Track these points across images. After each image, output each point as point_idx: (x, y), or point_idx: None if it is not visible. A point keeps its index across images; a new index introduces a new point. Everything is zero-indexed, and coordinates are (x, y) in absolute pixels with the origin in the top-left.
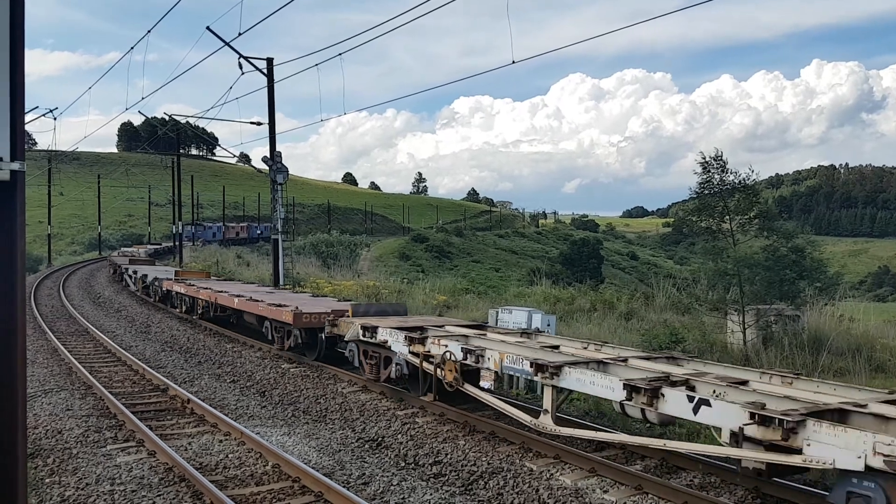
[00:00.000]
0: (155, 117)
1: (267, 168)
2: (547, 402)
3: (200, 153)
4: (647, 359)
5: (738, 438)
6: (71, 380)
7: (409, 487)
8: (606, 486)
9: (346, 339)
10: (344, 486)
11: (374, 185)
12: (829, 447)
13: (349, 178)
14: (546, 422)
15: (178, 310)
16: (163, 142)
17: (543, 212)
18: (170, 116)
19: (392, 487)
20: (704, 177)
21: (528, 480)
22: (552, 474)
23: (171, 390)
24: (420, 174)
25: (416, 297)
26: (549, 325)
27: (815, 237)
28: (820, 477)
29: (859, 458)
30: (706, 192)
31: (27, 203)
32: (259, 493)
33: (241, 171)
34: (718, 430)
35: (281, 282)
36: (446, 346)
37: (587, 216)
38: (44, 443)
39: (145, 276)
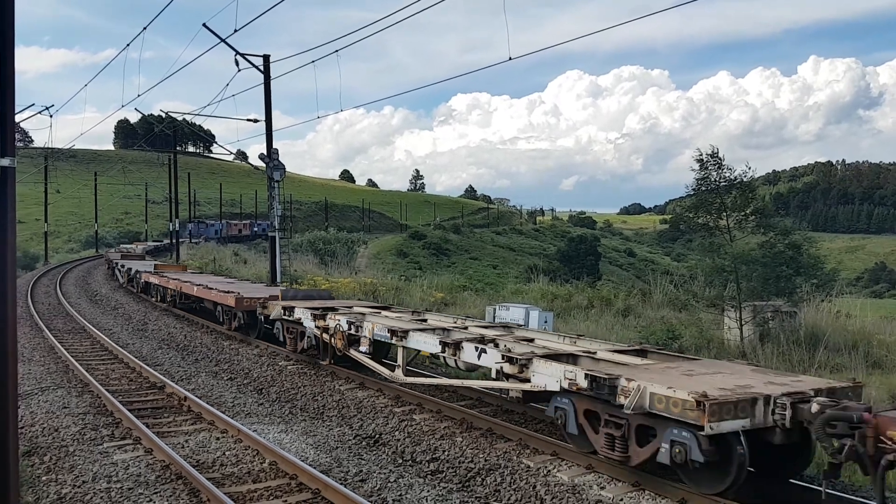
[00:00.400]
0: (151, 114)
1: (264, 165)
2: (399, 359)
3: (197, 150)
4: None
5: (499, 374)
6: (68, 377)
7: (407, 484)
8: (603, 482)
9: (271, 317)
10: (341, 483)
11: (371, 183)
12: (543, 376)
13: (347, 176)
14: (398, 374)
15: (153, 298)
16: (159, 139)
17: (541, 209)
18: (166, 113)
19: (389, 484)
20: (701, 174)
21: (525, 477)
22: (549, 471)
23: (168, 388)
24: (417, 171)
25: (413, 294)
26: (546, 322)
27: (812, 233)
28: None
29: (557, 382)
30: (703, 188)
31: (25, 201)
32: (256, 491)
33: (238, 169)
34: (490, 369)
35: (278, 279)
36: (338, 320)
37: (585, 213)
38: (41, 440)
39: (130, 269)
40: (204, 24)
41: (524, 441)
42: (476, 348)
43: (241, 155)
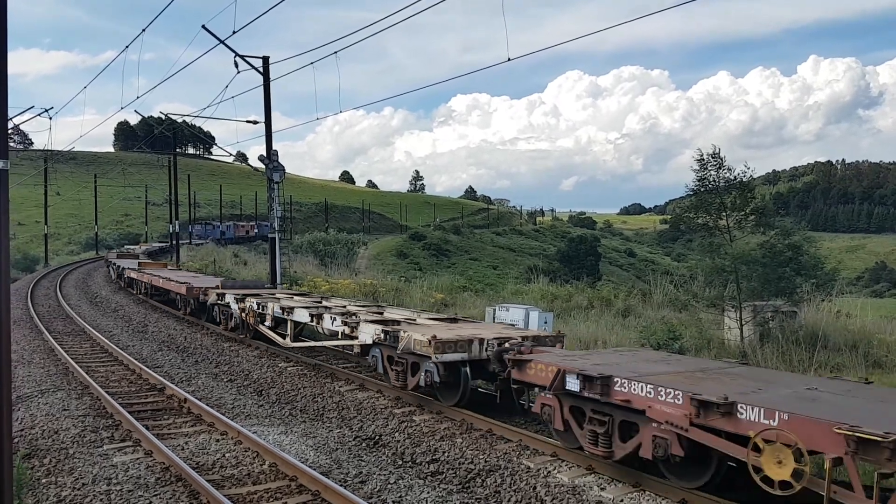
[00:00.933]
0: (151, 116)
1: (263, 167)
2: (288, 329)
3: (197, 152)
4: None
5: (343, 335)
6: (68, 380)
7: (407, 486)
8: (604, 483)
9: (209, 303)
10: (341, 485)
11: (371, 184)
12: (365, 334)
13: (346, 177)
14: (287, 342)
15: (135, 291)
16: (159, 141)
17: (541, 209)
18: (166, 115)
19: (389, 486)
20: (701, 174)
21: (525, 478)
22: (549, 472)
23: (168, 390)
24: (417, 172)
25: (413, 295)
26: (546, 323)
27: (812, 233)
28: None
29: (371, 337)
30: (703, 189)
31: (25, 203)
32: (256, 493)
33: (238, 170)
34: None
35: (278, 281)
36: (252, 302)
37: (585, 213)
38: (40, 443)
39: (119, 266)
40: (203, 26)
41: (524, 442)
42: (332, 318)
43: (241, 156)
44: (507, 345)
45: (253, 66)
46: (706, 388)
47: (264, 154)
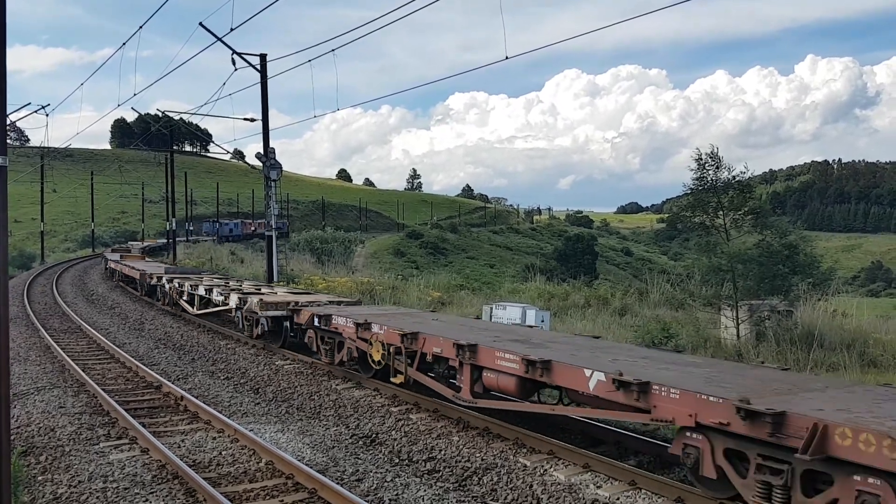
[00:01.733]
0: (148, 114)
1: (260, 164)
2: (196, 302)
3: (194, 150)
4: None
5: (220, 303)
6: (64, 377)
7: (403, 484)
8: (600, 481)
9: (151, 284)
10: (338, 483)
11: (368, 182)
12: (232, 301)
13: (343, 175)
14: (193, 311)
15: (114, 279)
16: (156, 138)
17: (538, 208)
18: (163, 113)
19: (386, 484)
20: (699, 173)
21: (521, 476)
22: (546, 470)
23: (165, 387)
24: (414, 170)
25: (410, 293)
26: (543, 321)
27: (809, 232)
28: None
29: (234, 303)
30: (700, 188)
31: (21, 200)
32: (252, 490)
33: (235, 168)
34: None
35: (275, 278)
36: (177, 282)
37: (582, 212)
38: (36, 440)
39: (107, 259)
40: (200, 24)
41: (521, 440)
42: (217, 293)
43: (238, 154)
44: (300, 304)
45: (250, 64)
46: (399, 323)
47: (261, 152)
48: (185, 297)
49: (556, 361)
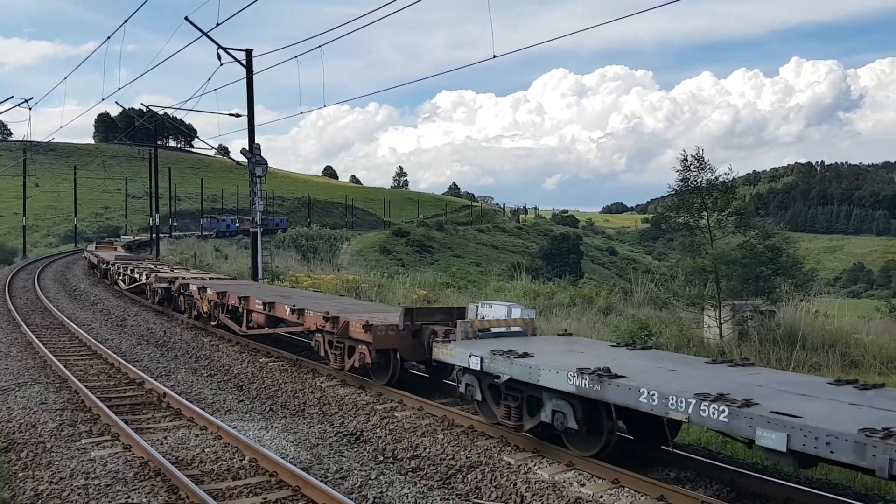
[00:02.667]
0: (132, 108)
1: (246, 160)
2: (127, 280)
3: (179, 145)
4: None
5: (142, 281)
6: (45, 373)
7: (388, 481)
8: (584, 479)
9: (103, 268)
10: (322, 481)
11: (354, 179)
12: (146, 278)
13: (330, 172)
14: (124, 286)
15: (89, 266)
16: (140, 133)
17: (524, 207)
18: (147, 107)
19: (370, 481)
20: (684, 174)
21: (506, 474)
22: (530, 468)
23: (147, 384)
24: (401, 168)
25: (396, 291)
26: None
27: (792, 234)
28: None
29: (145, 279)
30: (685, 189)
31: (3, 194)
32: (236, 488)
33: (220, 164)
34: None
35: (260, 275)
36: (119, 266)
37: (567, 212)
38: (17, 437)
39: (86, 251)
40: (186, 18)
41: (505, 438)
42: (140, 273)
43: (223, 150)
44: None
45: (236, 59)
46: (222, 288)
47: (247, 148)
48: (120, 277)
49: (277, 303)
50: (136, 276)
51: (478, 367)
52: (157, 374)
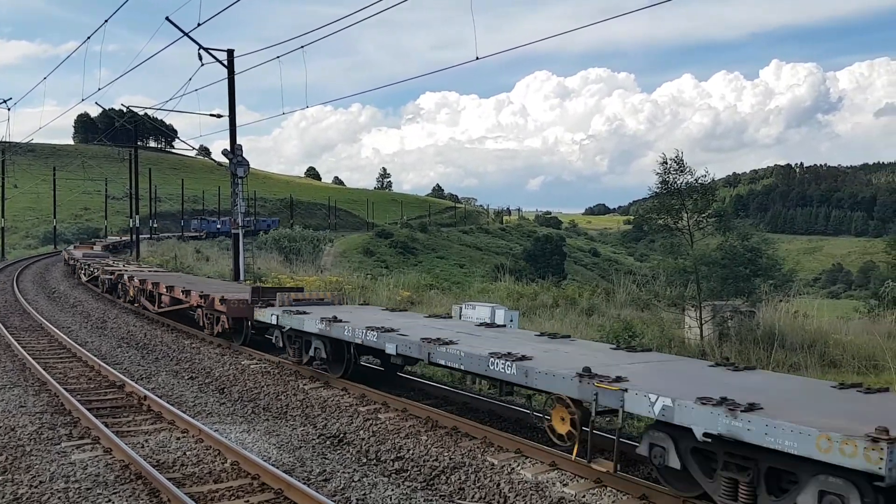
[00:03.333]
0: (112, 108)
1: (227, 161)
2: (87, 274)
3: (159, 146)
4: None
5: (100, 275)
6: (24, 376)
7: (371, 483)
8: (566, 479)
9: (70, 263)
10: (304, 483)
11: (337, 180)
12: (99, 272)
13: (312, 173)
14: (83, 278)
15: (64, 263)
16: (120, 134)
17: (508, 208)
18: (127, 108)
19: (353, 484)
20: (664, 177)
21: (489, 475)
22: (513, 468)
23: (128, 387)
24: (384, 169)
25: (380, 292)
26: (511, 321)
27: (771, 235)
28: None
29: (99, 272)
30: (665, 191)
31: None
32: (217, 491)
33: (201, 164)
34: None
35: (242, 277)
36: (83, 262)
37: (550, 213)
38: None
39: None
40: (167, 18)
41: (489, 439)
42: (97, 268)
43: (204, 150)
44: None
45: (217, 59)
46: (145, 276)
47: (228, 148)
48: (83, 271)
49: (175, 286)
50: (93, 270)
51: (274, 322)
52: (138, 376)
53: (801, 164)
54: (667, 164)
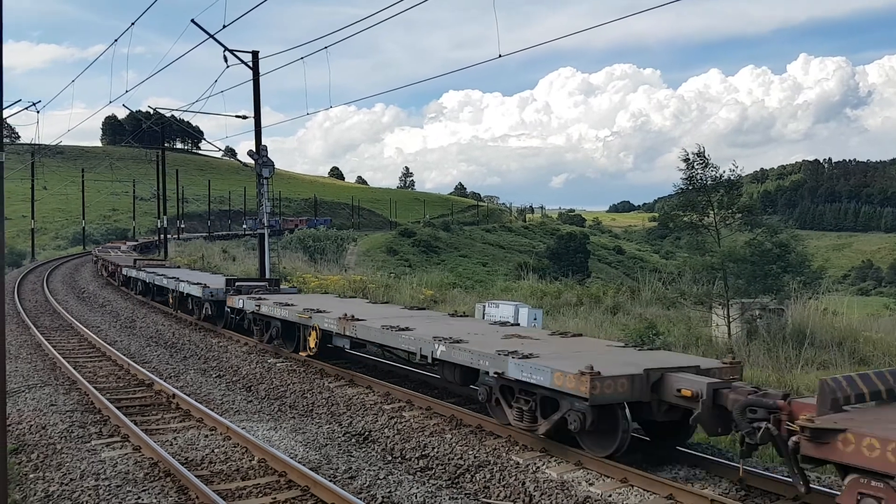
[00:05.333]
0: (139, 110)
1: (252, 162)
2: (104, 273)
3: (186, 147)
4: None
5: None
6: (55, 375)
7: (396, 481)
8: (592, 478)
9: (94, 259)
10: (331, 481)
11: (361, 180)
12: (119, 269)
13: (336, 173)
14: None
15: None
16: (147, 135)
17: (530, 206)
18: (154, 110)
19: (379, 481)
20: (688, 173)
21: (514, 473)
22: (538, 467)
23: (157, 385)
24: (407, 168)
25: (403, 291)
26: (535, 319)
27: (800, 231)
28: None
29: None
30: (690, 187)
31: (11, 197)
32: (245, 488)
33: (227, 165)
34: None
35: (267, 276)
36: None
37: (574, 211)
38: (28, 438)
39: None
40: (192, 20)
41: (514, 438)
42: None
43: (230, 152)
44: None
45: (242, 61)
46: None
47: (253, 149)
48: (106, 268)
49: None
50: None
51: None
52: (167, 375)
53: (830, 159)
54: (689, 159)
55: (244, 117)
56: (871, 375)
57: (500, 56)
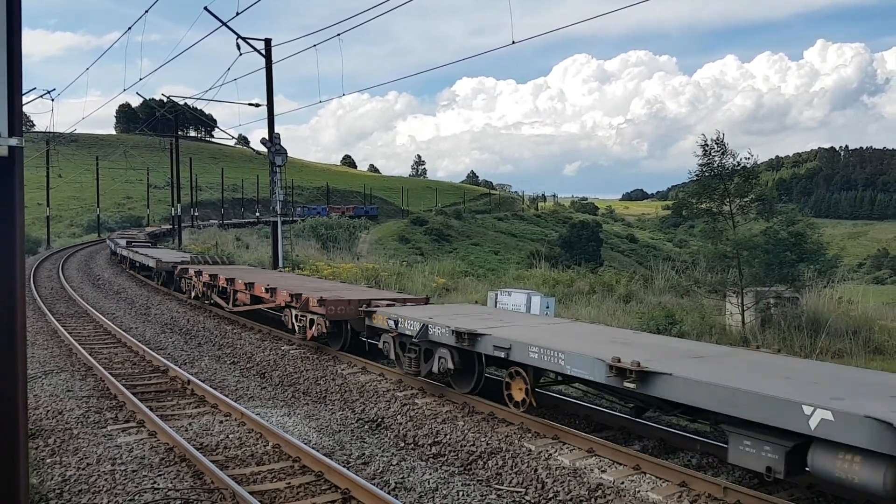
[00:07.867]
0: (153, 98)
1: (265, 150)
2: (115, 258)
3: (199, 135)
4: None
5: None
6: (71, 361)
7: (409, 467)
8: (605, 465)
9: (117, 252)
10: (344, 466)
11: (373, 168)
12: (141, 258)
13: (348, 161)
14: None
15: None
16: (161, 123)
17: (543, 195)
18: (168, 98)
19: (392, 467)
20: (705, 160)
21: (526, 460)
22: (551, 454)
23: (172, 371)
24: (419, 157)
25: (415, 279)
26: (548, 308)
27: (815, 219)
28: None
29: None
30: (706, 174)
31: (27, 185)
32: (259, 473)
33: (240, 154)
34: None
35: (280, 264)
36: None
37: (587, 199)
38: (45, 423)
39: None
40: (205, 8)
41: (525, 425)
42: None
43: (243, 140)
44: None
45: (255, 49)
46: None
47: (266, 137)
48: (124, 255)
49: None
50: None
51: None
52: (181, 361)
53: (846, 146)
54: (707, 146)
55: (257, 105)
56: None
57: (513, 42)
